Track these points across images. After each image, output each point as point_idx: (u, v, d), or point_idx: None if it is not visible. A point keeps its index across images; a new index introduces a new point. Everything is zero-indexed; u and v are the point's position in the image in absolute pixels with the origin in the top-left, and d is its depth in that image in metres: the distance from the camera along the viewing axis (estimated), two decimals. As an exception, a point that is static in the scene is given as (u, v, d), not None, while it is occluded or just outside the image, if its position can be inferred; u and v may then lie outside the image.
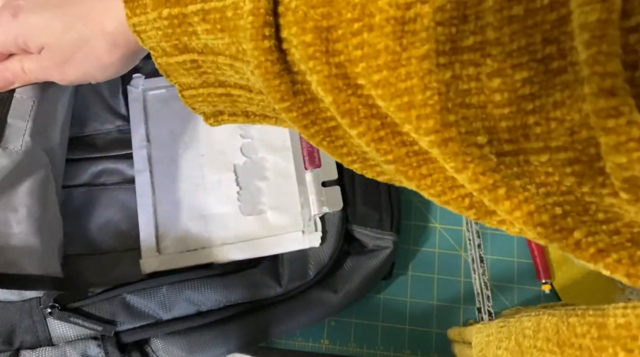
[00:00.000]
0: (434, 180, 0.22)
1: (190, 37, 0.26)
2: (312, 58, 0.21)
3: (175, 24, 0.26)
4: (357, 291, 0.48)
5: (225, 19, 0.24)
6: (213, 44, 0.25)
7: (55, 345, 0.43)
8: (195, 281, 0.45)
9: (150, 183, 0.48)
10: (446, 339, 0.49)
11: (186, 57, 0.27)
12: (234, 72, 0.26)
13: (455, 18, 0.19)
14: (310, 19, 0.21)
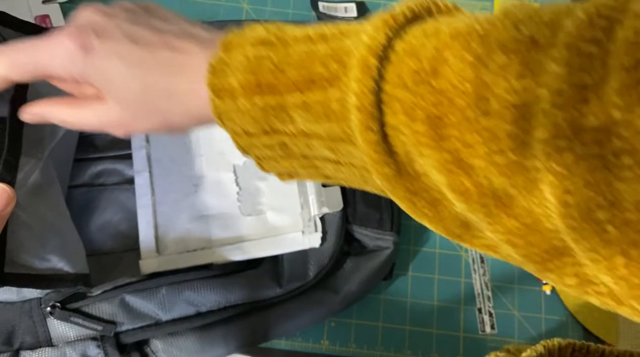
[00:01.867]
0: None
1: (284, 123, 0.26)
2: (424, 145, 0.22)
3: (269, 111, 0.26)
4: (357, 292, 0.48)
5: (330, 109, 0.24)
6: (310, 128, 0.26)
7: (55, 346, 0.43)
8: (194, 281, 0.45)
9: (150, 183, 0.48)
10: (446, 339, 0.49)
11: (273, 138, 0.27)
12: (329, 150, 0.26)
13: (575, 100, 0.19)
14: (419, 107, 0.22)
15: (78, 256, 0.42)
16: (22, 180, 0.37)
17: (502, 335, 0.49)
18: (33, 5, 0.57)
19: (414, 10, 0.24)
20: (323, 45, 0.25)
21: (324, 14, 0.57)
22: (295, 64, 0.25)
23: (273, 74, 0.25)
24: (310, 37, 0.26)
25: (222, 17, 0.58)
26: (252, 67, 0.25)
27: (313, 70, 0.25)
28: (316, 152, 0.27)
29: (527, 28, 0.20)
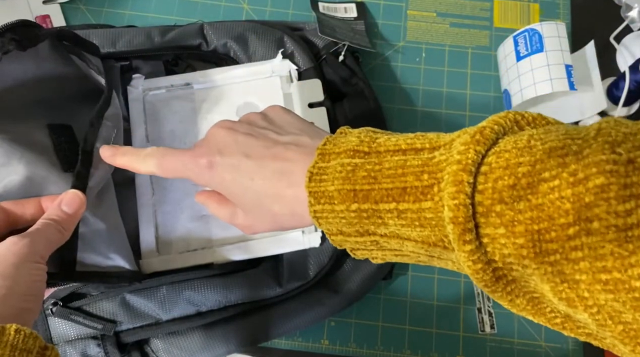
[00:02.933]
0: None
1: (378, 226, 0.28)
2: (526, 257, 0.23)
3: (363, 216, 0.28)
4: (357, 291, 0.48)
5: (424, 218, 0.26)
6: (404, 233, 0.27)
7: (55, 344, 0.43)
8: (195, 281, 0.45)
9: (150, 183, 0.48)
10: (446, 338, 0.49)
11: (367, 238, 0.29)
12: (424, 250, 0.27)
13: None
14: (518, 222, 0.22)
15: (130, 253, 0.44)
16: (92, 187, 0.39)
17: (502, 334, 0.49)
18: (33, 5, 0.57)
19: (502, 124, 0.25)
20: (415, 157, 0.27)
21: (323, 14, 0.57)
22: (388, 174, 0.27)
23: (368, 183, 0.27)
24: (402, 148, 0.28)
25: (222, 17, 0.59)
26: (348, 176, 0.28)
27: (406, 181, 0.26)
28: (409, 249, 0.28)
29: (624, 150, 0.20)
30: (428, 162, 0.26)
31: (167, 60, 0.52)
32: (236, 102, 0.50)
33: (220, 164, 0.33)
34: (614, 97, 0.54)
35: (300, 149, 0.32)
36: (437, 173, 0.25)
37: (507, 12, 0.60)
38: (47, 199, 0.37)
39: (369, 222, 0.28)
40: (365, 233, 0.29)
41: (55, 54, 0.42)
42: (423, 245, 0.27)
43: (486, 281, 0.25)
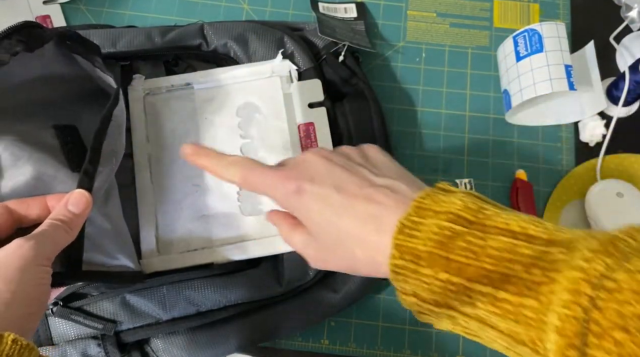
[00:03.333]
0: None
1: (463, 304, 0.26)
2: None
3: (450, 289, 0.26)
4: (357, 291, 0.48)
5: (521, 315, 0.24)
6: (491, 320, 0.25)
7: (55, 344, 0.43)
8: (195, 281, 0.45)
9: (151, 183, 0.48)
10: (446, 338, 0.49)
11: (443, 311, 0.27)
12: (505, 343, 0.25)
13: None
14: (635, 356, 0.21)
15: (133, 253, 0.44)
16: (98, 187, 0.39)
17: (502, 334, 0.49)
18: (34, 5, 0.57)
19: (638, 239, 0.23)
20: (526, 245, 0.24)
21: (323, 14, 0.57)
22: (492, 255, 0.25)
23: (466, 257, 0.25)
24: (512, 230, 0.25)
25: (222, 17, 0.59)
26: (444, 241, 0.26)
27: (512, 269, 0.24)
28: (487, 335, 0.26)
29: None
30: (542, 257, 0.24)
31: (167, 60, 0.52)
32: (236, 102, 0.50)
33: (309, 192, 0.31)
34: (614, 98, 0.54)
35: (394, 196, 0.30)
36: (551, 272, 0.23)
37: (507, 12, 0.60)
38: (53, 197, 0.37)
39: (454, 296, 0.26)
40: (444, 305, 0.27)
41: (59, 54, 0.42)
42: (508, 339, 0.25)
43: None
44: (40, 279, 0.31)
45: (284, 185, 0.32)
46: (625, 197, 0.50)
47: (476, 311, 0.25)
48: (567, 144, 0.55)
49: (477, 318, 0.26)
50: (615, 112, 0.54)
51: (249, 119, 0.50)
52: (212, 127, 0.50)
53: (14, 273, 0.29)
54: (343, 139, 0.50)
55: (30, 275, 0.30)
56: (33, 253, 0.31)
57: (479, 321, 0.26)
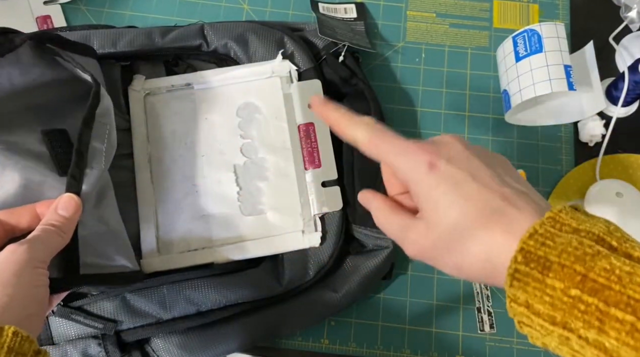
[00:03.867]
0: None
1: (588, 328, 0.24)
2: None
3: (579, 308, 0.24)
4: (357, 291, 0.48)
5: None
6: (618, 349, 0.23)
7: (56, 344, 0.44)
8: (195, 280, 0.45)
9: (151, 183, 0.48)
10: (445, 338, 0.49)
11: (558, 330, 0.25)
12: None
13: None
14: None
15: (131, 252, 0.44)
16: (89, 189, 0.39)
17: (502, 334, 0.49)
18: (34, 5, 0.58)
19: None
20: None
21: (323, 14, 0.57)
22: (638, 288, 0.23)
23: (607, 279, 0.23)
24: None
25: (222, 17, 0.59)
26: (585, 258, 0.24)
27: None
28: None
29: None
30: None
31: (167, 60, 0.52)
32: (236, 102, 0.51)
33: (442, 170, 0.29)
34: (613, 98, 0.54)
35: (531, 202, 0.28)
36: None
37: (506, 12, 0.60)
38: (42, 204, 0.37)
39: (580, 317, 0.23)
40: (561, 324, 0.24)
41: (38, 58, 0.42)
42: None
43: None
44: (37, 281, 0.31)
45: (416, 155, 0.29)
46: (624, 197, 0.50)
47: (601, 338, 0.23)
48: (567, 144, 0.55)
49: (598, 346, 0.24)
50: (615, 112, 0.54)
51: (249, 119, 0.50)
52: (213, 127, 0.50)
53: (10, 277, 0.30)
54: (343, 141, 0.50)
55: (26, 278, 0.30)
56: (27, 257, 0.31)
57: (600, 349, 0.24)
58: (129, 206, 0.47)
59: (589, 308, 0.23)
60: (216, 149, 0.49)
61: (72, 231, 0.36)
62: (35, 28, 0.57)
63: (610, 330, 0.23)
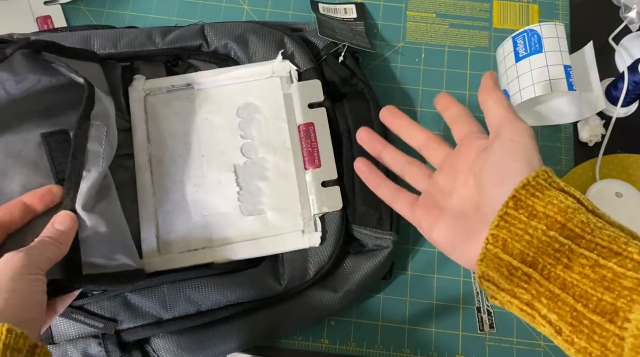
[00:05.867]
0: None
1: (555, 265, 0.27)
2: None
3: (554, 247, 0.27)
4: (357, 291, 0.48)
5: (618, 282, 0.25)
6: (574, 288, 0.27)
7: (56, 343, 0.44)
8: (195, 280, 0.45)
9: (151, 183, 0.48)
10: (445, 338, 0.49)
11: (527, 270, 0.28)
12: (570, 320, 0.27)
13: None
14: None
15: (134, 251, 0.44)
16: (89, 190, 0.40)
17: (501, 334, 0.49)
18: (34, 6, 0.58)
19: None
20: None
21: (323, 15, 0.57)
22: (610, 236, 0.26)
23: (582, 229, 0.27)
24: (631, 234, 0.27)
25: (222, 18, 0.59)
26: (565, 210, 0.28)
27: (625, 250, 0.26)
28: (553, 308, 0.28)
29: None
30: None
31: (167, 61, 0.53)
32: (236, 102, 0.51)
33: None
34: (613, 98, 0.54)
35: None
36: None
37: (506, 12, 0.60)
38: (28, 195, 0.39)
39: (552, 254, 0.27)
40: (529, 263, 0.28)
41: (34, 65, 0.43)
42: (578, 310, 0.26)
43: None
44: (33, 287, 0.32)
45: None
46: (624, 197, 0.50)
47: (564, 274, 0.27)
48: (566, 144, 0.55)
49: (558, 284, 0.27)
50: (615, 112, 0.54)
51: (249, 119, 0.50)
52: (213, 127, 0.50)
53: (6, 283, 0.31)
54: (343, 139, 0.50)
55: (22, 283, 0.32)
56: (22, 263, 0.32)
57: (560, 287, 0.27)
58: (129, 206, 0.47)
59: (562, 247, 0.27)
60: (216, 149, 0.49)
61: (70, 242, 0.37)
62: (35, 28, 0.57)
63: (575, 265, 0.27)
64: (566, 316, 0.27)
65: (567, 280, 0.27)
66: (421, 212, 0.36)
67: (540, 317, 0.28)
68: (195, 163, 0.49)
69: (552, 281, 0.27)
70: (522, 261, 0.28)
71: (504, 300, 0.30)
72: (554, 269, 0.27)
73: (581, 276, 0.26)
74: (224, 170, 0.49)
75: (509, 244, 0.29)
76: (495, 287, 0.30)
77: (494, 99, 0.35)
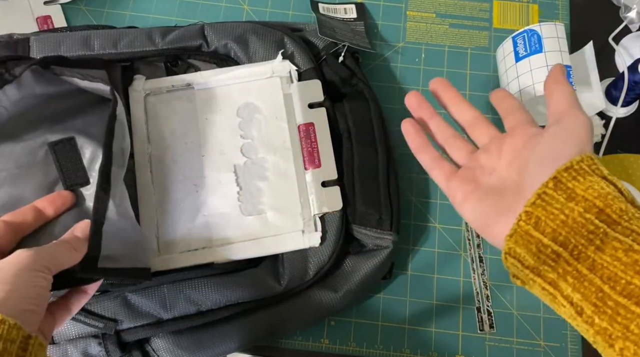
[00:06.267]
0: None
1: (588, 246, 0.28)
2: None
3: (589, 228, 0.28)
4: (357, 291, 0.48)
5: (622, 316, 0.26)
6: (607, 269, 0.27)
7: (56, 343, 0.44)
8: (195, 280, 0.45)
9: (151, 183, 0.48)
10: (445, 338, 0.49)
11: (561, 251, 0.28)
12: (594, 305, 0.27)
13: None
14: None
15: (144, 249, 0.45)
16: (113, 188, 0.41)
17: (501, 334, 0.49)
18: (34, 6, 0.58)
19: None
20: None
21: (323, 15, 0.57)
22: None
23: (619, 216, 0.27)
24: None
25: (222, 18, 0.59)
26: (605, 196, 0.28)
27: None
28: (580, 288, 0.28)
29: None
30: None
31: (167, 61, 0.53)
32: (236, 102, 0.51)
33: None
34: (613, 98, 0.54)
35: None
36: None
37: (506, 12, 0.60)
38: (41, 200, 0.42)
39: (586, 235, 0.27)
40: (559, 242, 0.28)
41: (41, 78, 0.43)
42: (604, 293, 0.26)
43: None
44: (36, 282, 0.33)
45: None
46: (624, 197, 0.50)
47: (595, 256, 0.27)
48: (566, 144, 0.55)
49: (587, 264, 0.27)
50: (615, 112, 0.54)
51: (249, 120, 0.50)
52: (213, 127, 0.50)
53: (10, 277, 0.32)
54: (343, 139, 0.50)
55: (25, 278, 0.32)
56: (29, 260, 0.33)
57: (588, 268, 0.27)
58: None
59: (597, 230, 0.27)
60: (216, 149, 0.49)
61: (85, 249, 0.37)
62: (35, 28, 0.57)
63: (607, 248, 0.27)
64: (591, 296, 0.27)
65: (596, 261, 0.27)
66: (457, 184, 0.37)
67: (562, 297, 0.28)
68: (195, 163, 0.49)
69: (581, 262, 0.27)
70: (553, 240, 0.28)
71: (527, 278, 0.30)
72: (585, 249, 0.27)
73: (612, 259, 0.26)
74: (224, 170, 0.49)
75: (542, 222, 0.29)
76: (520, 265, 0.30)
77: (561, 90, 0.35)
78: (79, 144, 0.46)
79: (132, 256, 0.42)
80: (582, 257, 0.27)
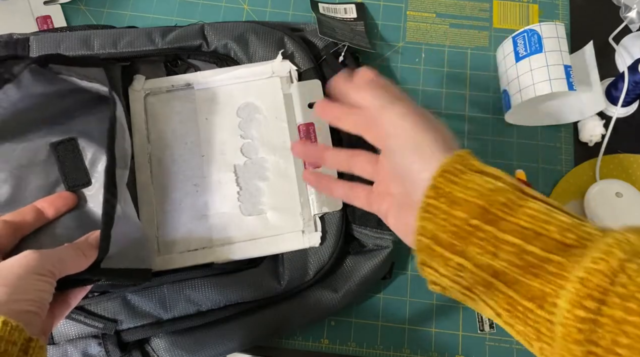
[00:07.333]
0: None
1: (482, 253, 0.27)
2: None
3: (478, 236, 0.27)
4: (357, 291, 0.48)
5: (544, 268, 0.26)
6: (506, 275, 0.27)
7: (56, 343, 0.44)
8: (195, 280, 0.45)
9: (151, 183, 0.48)
10: (445, 338, 0.49)
11: (456, 259, 0.28)
12: (506, 306, 0.27)
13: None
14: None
15: (147, 250, 0.45)
16: (118, 191, 0.41)
17: (501, 334, 0.49)
18: (34, 6, 0.58)
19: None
20: (563, 215, 0.27)
21: (323, 15, 0.57)
22: (529, 215, 0.26)
23: (503, 211, 0.27)
24: (550, 203, 0.27)
25: (222, 18, 0.59)
26: (486, 193, 0.28)
27: (546, 230, 0.26)
28: (490, 294, 0.28)
29: None
30: (577, 227, 0.26)
31: (167, 61, 0.53)
32: (237, 102, 0.51)
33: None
34: (613, 98, 0.54)
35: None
36: (584, 240, 0.25)
37: (506, 12, 0.60)
38: (42, 200, 0.42)
39: (477, 243, 0.27)
40: (459, 253, 0.28)
41: (40, 77, 0.43)
42: (513, 299, 0.26)
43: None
44: (39, 286, 0.33)
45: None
46: (624, 197, 0.50)
47: (494, 262, 0.27)
48: (567, 144, 0.55)
49: (490, 271, 0.27)
50: (615, 112, 0.54)
51: (249, 120, 0.50)
52: (213, 127, 0.50)
53: (13, 279, 0.32)
54: (343, 139, 0.50)
55: (27, 281, 0.32)
56: (33, 263, 0.33)
57: (492, 275, 0.27)
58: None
59: (486, 235, 0.27)
60: (216, 149, 0.49)
61: (95, 256, 0.37)
62: (35, 28, 0.57)
63: (501, 253, 0.26)
64: (502, 302, 0.27)
65: (496, 268, 0.27)
66: (377, 201, 0.37)
67: (480, 300, 0.28)
68: (195, 163, 0.49)
69: (484, 269, 0.27)
70: (454, 252, 0.28)
71: (446, 285, 0.30)
72: (482, 257, 0.27)
73: (509, 264, 0.27)
74: (224, 170, 0.49)
75: (438, 236, 0.28)
76: (437, 274, 0.30)
77: (355, 98, 0.37)
78: (81, 145, 0.46)
79: (135, 257, 0.42)
80: (483, 265, 0.27)
